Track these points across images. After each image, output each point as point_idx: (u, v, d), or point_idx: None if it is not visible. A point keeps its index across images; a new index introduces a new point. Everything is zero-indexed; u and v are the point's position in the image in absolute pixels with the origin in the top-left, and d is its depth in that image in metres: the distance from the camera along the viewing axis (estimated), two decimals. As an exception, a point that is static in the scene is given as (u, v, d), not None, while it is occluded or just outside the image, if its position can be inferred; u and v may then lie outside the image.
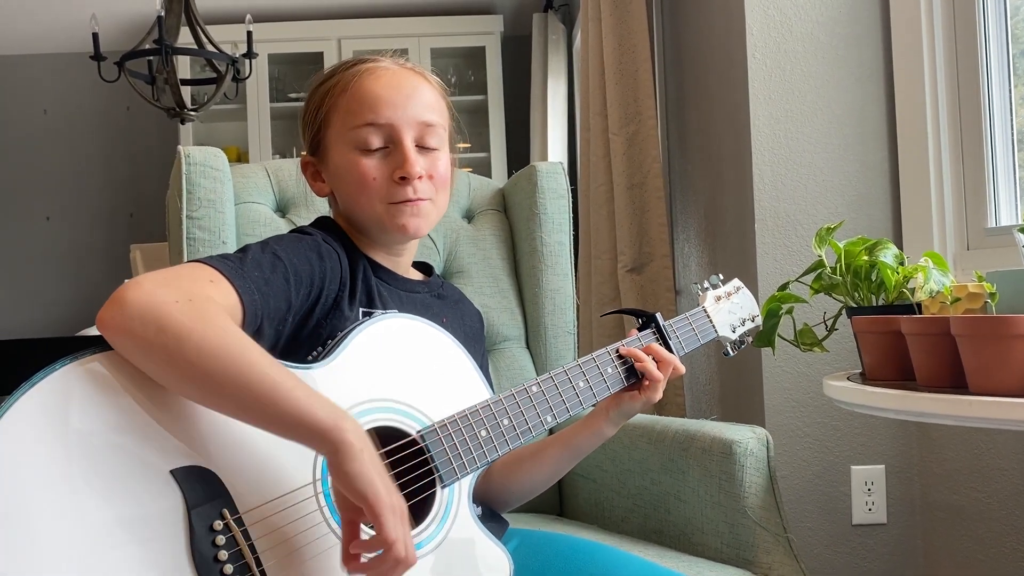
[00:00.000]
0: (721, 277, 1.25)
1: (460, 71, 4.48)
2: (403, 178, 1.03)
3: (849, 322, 1.30)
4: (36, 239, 4.64)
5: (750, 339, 1.28)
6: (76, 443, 0.76)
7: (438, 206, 1.08)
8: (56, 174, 4.65)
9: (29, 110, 4.63)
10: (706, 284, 1.24)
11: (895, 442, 1.82)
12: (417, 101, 1.06)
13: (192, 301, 0.81)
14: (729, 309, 1.23)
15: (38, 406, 0.76)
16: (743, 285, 1.27)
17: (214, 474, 0.81)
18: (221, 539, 0.80)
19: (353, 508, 0.80)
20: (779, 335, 1.32)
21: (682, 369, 1.10)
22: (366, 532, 0.84)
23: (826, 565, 1.82)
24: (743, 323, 1.24)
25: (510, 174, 4.27)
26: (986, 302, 1.09)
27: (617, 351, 1.08)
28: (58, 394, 0.77)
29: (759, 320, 1.28)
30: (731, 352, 1.25)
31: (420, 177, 1.03)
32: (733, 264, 2.02)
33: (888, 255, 1.24)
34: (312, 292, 0.98)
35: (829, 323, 1.34)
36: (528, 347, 1.59)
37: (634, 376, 1.08)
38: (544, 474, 1.14)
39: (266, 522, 0.83)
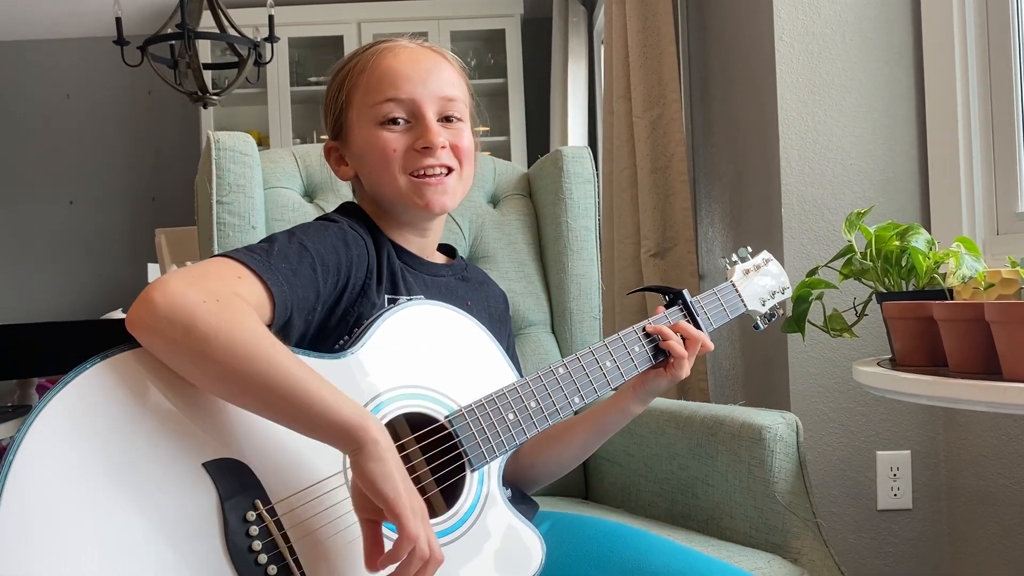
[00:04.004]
0: (750, 250, 1.23)
1: (480, 54, 4.47)
2: (426, 148, 1.02)
3: (877, 307, 1.29)
4: (59, 223, 4.68)
5: (781, 312, 1.26)
6: (109, 441, 0.77)
7: (463, 179, 1.07)
8: (79, 158, 4.68)
9: (52, 95, 4.67)
10: (734, 257, 1.21)
11: (921, 427, 1.81)
12: (437, 76, 1.05)
13: (220, 300, 0.81)
14: (758, 282, 1.20)
15: (71, 405, 0.77)
16: (772, 257, 1.25)
17: (245, 465, 0.82)
18: (255, 530, 0.80)
19: (373, 508, 0.80)
20: (808, 321, 1.32)
21: (710, 346, 1.09)
22: (388, 537, 0.83)
23: (851, 550, 1.82)
24: (773, 295, 1.22)
25: (530, 158, 4.27)
26: (1021, 288, 1.08)
27: (644, 329, 1.07)
28: (90, 393, 0.78)
29: (789, 292, 1.26)
30: (761, 326, 1.22)
31: (443, 147, 1.03)
32: (759, 248, 2.00)
33: (920, 240, 1.24)
34: (340, 280, 0.98)
35: (859, 309, 1.34)
36: (553, 332, 1.59)
37: (662, 354, 1.07)
38: (572, 453, 1.14)
39: (297, 512, 0.83)
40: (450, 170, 1.05)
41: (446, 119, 1.06)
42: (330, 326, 0.98)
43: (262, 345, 0.81)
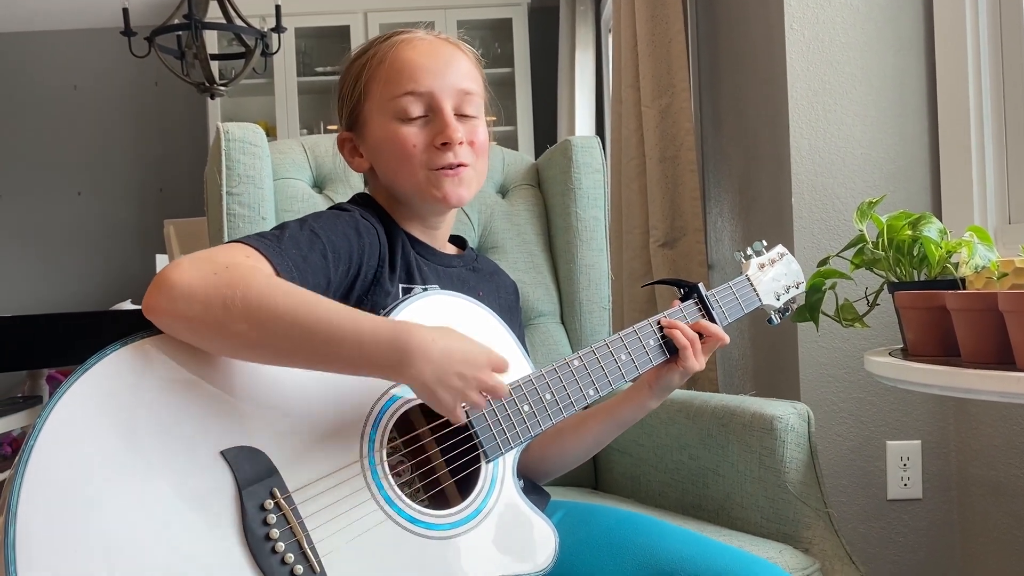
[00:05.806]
0: (765, 244, 1.23)
1: (487, 43, 4.45)
2: (445, 144, 1.03)
3: (889, 297, 1.29)
4: (68, 214, 4.70)
5: (795, 306, 1.26)
6: (128, 426, 0.77)
7: (479, 173, 1.08)
8: (87, 149, 4.69)
9: (60, 86, 4.67)
10: (749, 251, 1.21)
11: (931, 417, 1.81)
12: (455, 69, 1.06)
13: (229, 267, 0.82)
14: (773, 276, 1.20)
15: (92, 390, 0.77)
16: (787, 251, 1.25)
17: (263, 453, 0.82)
18: (272, 518, 0.81)
19: None
20: (820, 310, 1.31)
21: (726, 340, 1.09)
22: (408, 530, 0.88)
23: (860, 540, 1.82)
24: (787, 290, 1.22)
25: (537, 148, 4.26)
26: (1035, 277, 1.08)
27: (658, 323, 1.07)
28: (110, 379, 0.78)
29: (804, 287, 1.26)
30: (775, 320, 1.22)
31: (461, 143, 1.04)
32: (768, 238, 1.98)
33: (932, 230, 1.23)
34: (351, 268, 0.99)
35: (870, 298, 1.33)
36: (563, 322, 1.59)
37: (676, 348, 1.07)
38: (585, 446, 1.14)
39: (315, 500, 0.84)
40: (466, 165, 1.05)
41: (463, 114, 1.06)
42: None
43: (279, 292, 0.81)
